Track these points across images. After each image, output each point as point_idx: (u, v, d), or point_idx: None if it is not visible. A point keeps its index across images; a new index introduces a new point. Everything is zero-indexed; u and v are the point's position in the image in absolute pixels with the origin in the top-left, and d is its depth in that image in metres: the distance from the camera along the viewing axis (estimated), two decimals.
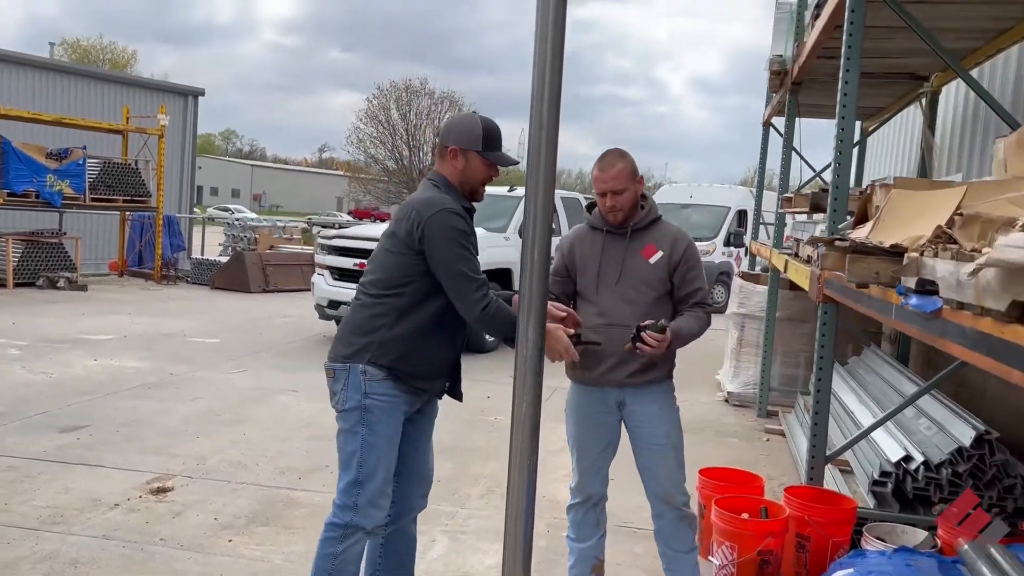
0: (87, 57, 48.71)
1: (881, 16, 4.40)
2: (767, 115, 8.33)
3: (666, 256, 3.05)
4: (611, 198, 3.01)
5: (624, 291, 3.04)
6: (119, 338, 8.70)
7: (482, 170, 2.79)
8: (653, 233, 3.10)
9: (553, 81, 2.51)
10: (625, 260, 3.07)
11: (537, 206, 2.63)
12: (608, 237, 3.11)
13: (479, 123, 2.80)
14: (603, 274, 3.07)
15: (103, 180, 13.73)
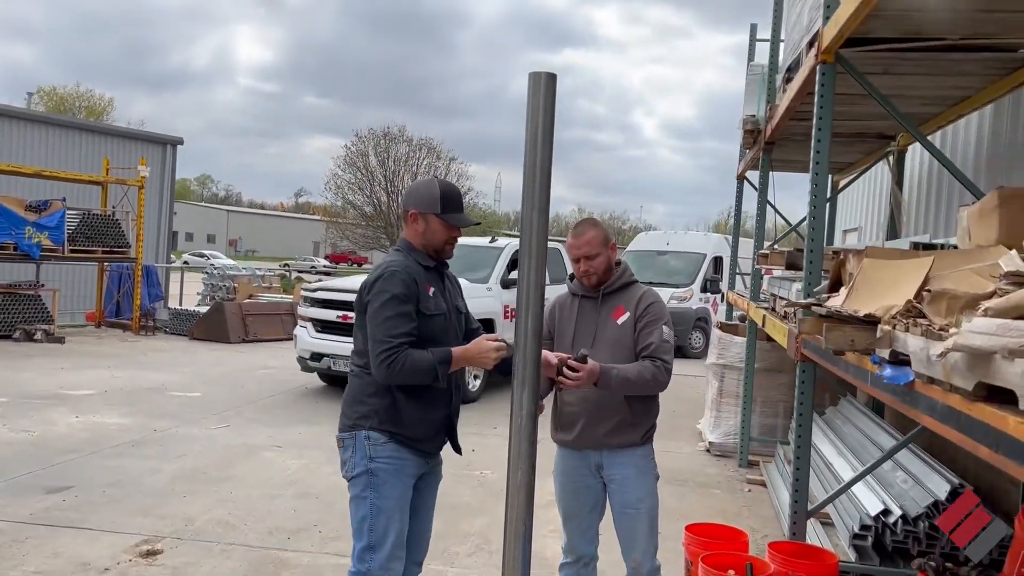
0: (63, 105, 48.74)
1: (848, 84, 4.63)
2: (741, 169, 8.58)
3: (631, 315, 3.19)
4: (584, 263, 3.20)
5: (598, 354, 3.13)
6: (100, 393, 8.66)
7: (442, 231, 2.93)
8: (623, 296, 3.25)
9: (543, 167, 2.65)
10: (598, 323, 3.22)
11: (529, 281, 2.75)
12: (583, 302, 3.29)
13: (437, 187, 2.96)
14: (578, 338, 3.22)
15: (82, 231, 13.72)
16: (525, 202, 2.82)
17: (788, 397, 7.09)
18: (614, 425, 3.13)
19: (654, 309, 3.22)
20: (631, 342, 3.16)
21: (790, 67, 5.77)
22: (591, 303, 3.26)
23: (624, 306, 3.22)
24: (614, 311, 3.21)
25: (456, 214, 2.95)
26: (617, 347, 3.15)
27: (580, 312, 3.27)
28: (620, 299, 3.24)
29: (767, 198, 7.01)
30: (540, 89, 2.80)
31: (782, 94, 5.96)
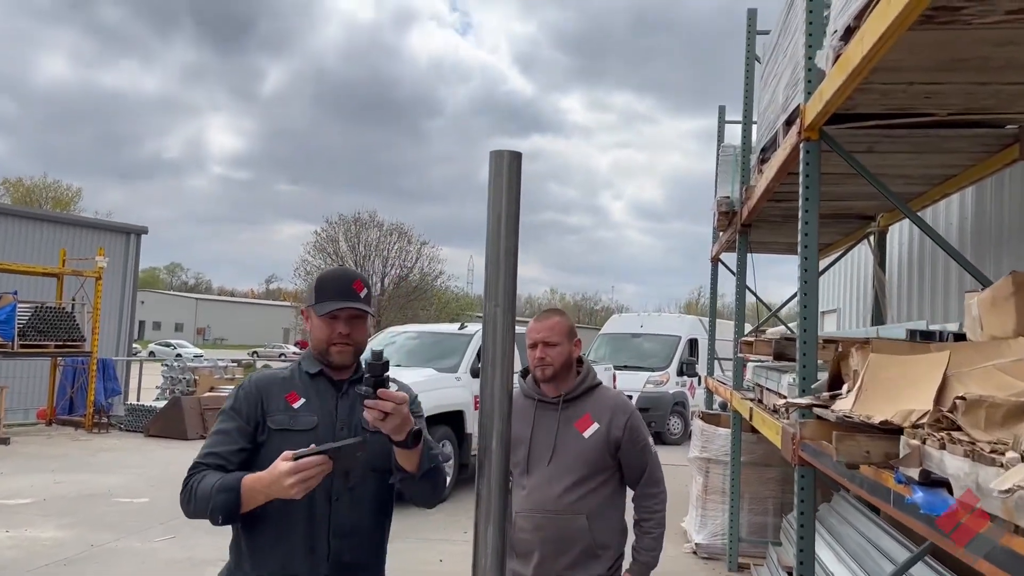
0: (30, 196, 48.30)
1: (830, 164, 4.40)
2: (715, 251, 8.34)
3: (603, 430, 2.75)
4: (542, 348, 2.80)
5: (557, 471, 2.72)
6: (38, 502, 8.00)
7: (318, 326, 2.25)
8: (588, 402, 2.82)
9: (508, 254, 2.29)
10: (558, 434, 2.77)
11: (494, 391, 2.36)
12: (540, 408, 2.83)
13: (320, 276, 2.38)
14: (534, 451, 2.77)
15: (34, 325, 13.14)
16: (488, 296, 2.46)
17: (778, 493, 6.66)
18: (575, 556, 2.69)
19: (638, 427, 2.82)
20: (599, 458, 2.73)
21: (765, 147, 5.56)
22: (550, 410, 2.82)
23: (591, 415, 2.78)
24: (578, 420, 2.78)
25: (327, 302, 2.22)
26: (579, 463, 2.72)
27: (537, 420, 2.82)
28: (585, 406, 2.81)
29: (746, 282, 6.74)
30: (503, 170, 2.47)
31: (758, 175, 5.74)
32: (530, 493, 2.73)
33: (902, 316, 6.74)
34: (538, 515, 2.70)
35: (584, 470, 2.71)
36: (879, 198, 5.68)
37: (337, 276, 2.33)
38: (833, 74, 3.09)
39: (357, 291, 2.27)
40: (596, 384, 2.88)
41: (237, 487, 2.06)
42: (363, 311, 2.27)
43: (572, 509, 2.68)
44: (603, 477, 2.75)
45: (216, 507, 2.05)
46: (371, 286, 2.36)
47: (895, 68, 3.02)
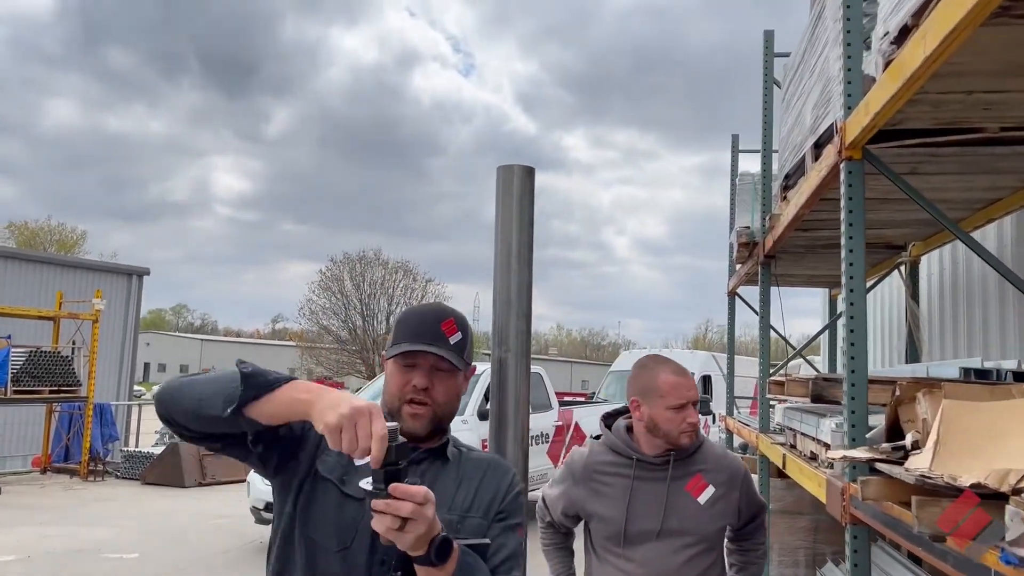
0: (34, 239, 48.31)
1: (867, 189, 4.05)
2: (732, 285, 7.97)
3: (722, 492, 2.35)
4: (693, 411, 2.32)
5: (671, 541, 2.30)
6: (21, 559, 7.57)
7: (390, 374, 1.66)
8: (698, 461, 2.39)
9: (521, 283, 1.94)
10: (668, 501, 2.32)
11: (506, 452, 1.98)
12: (640, 467, 2.36)
13: (402, 312, 1.82)
14: (640, 520, 2.31)
15: (28, 370, 12.78)
16: (497, 340, 2.08)
17: (809, 543, 6.20)
18: None
19: (749, 480, 2.48)
20: (715, 532, 2.33)
21: (789, 174, 5.22)
22: (654, 471, 2.35)
23: (703, 476, 2.35)
24: (689, 483, 2.34)
25: (403, 343, 1.64)
26: (695, 530, 2.30)
27: (638, 482, 2.34)
28: (695, 465, 2.38)
29: (770, 317, 6.35)
30: (513, 189, 2.12)
31: (782, 203, 5.40)
32: (635, 569, 2.30)
33: (935, 353, 6.34)
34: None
35: (701, 541, 2.32)
36: (911, 226, 5.32)
37: (422, 312, 1.72)
38: (884, 82, 2.75)
39: (446, 334, 1.63)
40: (702, 441, 2.47)
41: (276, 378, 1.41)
42: (449, 361, 1.62)
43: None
44: (718, 551, 2.39)
45: (226, 382, 1.39)
46: (470, 332, 1.70)
47: (956, 74, 2.67)
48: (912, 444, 2.55)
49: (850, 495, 3.10)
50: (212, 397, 1.40)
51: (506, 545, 1.61)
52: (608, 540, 2.34)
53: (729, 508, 2.37)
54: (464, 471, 1.66)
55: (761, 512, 2.52)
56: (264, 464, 1.59)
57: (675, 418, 2.33)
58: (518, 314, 2.00)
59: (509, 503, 1.65)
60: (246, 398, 1.39)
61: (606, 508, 2.36)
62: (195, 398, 1.42)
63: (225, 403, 1.38)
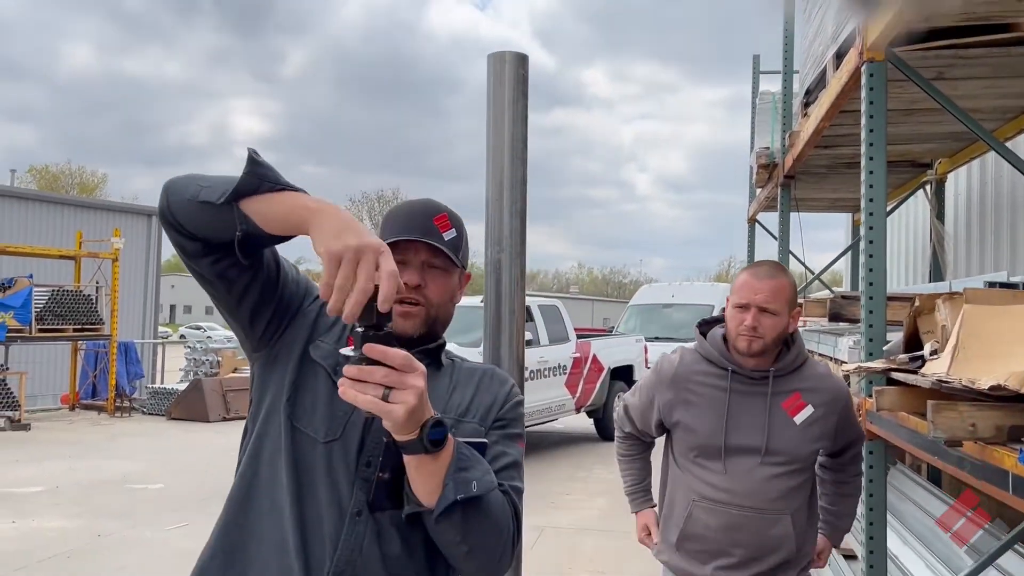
0: (56, 183, 48.56)
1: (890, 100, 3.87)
2: (752, 211, 7.80)
3: (819, 414, 2.22)
4: (756, 315, 2.16)
5: (769, 465, 2.18)
6: (50, 490, 7.73)
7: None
8: (797, 379, 2.25)
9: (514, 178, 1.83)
10: (771, 418, 2.19)
11: (500, 361, 1.91)
12: (736, 380, 2.23)
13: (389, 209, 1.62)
14: (735, 434, 2.19)
15: (51, 309, 12.91)
16: (491, 239, 1.99)
17: None
18: (772, 565, 2.19)
19: (850, 404, 2.35)
20: (808, 455, 2.21)
21: (810, 88, 5.02)
22: (752, 385, 2.22)
23: (801, 394, 2.21)
24: (786, 400, 2.21)
25: (394, 236, 1.46)
26: (788, 452, 2.18)
27: (735, 395, 2.22)
28: (793, 383, 2.24)
29: (789, 247, 6.20)
30: (505, 79, 1.99)
31: (802, 120, 5.20)
32: (724, 483, 2.19)
33: (960, 272, 6.18)
34: (734, 511, 2.17)
35: (793, 461, 2.18)
36: (937, 140, 5.11)
37: (411, 206, 1.54)
38: None
39: (439, 229, 1.48)
40: (806, 357, 2.32)
41: (279, 183, 1.26)
42: (444, 253, 1.47)
43: (776, 509, 2.17)
44: (809, 473, 2.27)
45: (234, 177, 1.25)
46: (465, 231, 1.54)
47: None
48: (931, 353, 2.45)
49: (866, 410, 3.02)
50: (213, 186, 1.26)
51: (508, 453, 1.48)
52: (696, 452, 2.24)
53: (826, 431, 2.23)
54: (459, 378, 1.54)
55: (858, 441, 2.42)
56: (242, 302, 1.39)
57: (735, 317, 2.21)
58: (512, 212, 1.89)
59: (509, 411, 1.54)
60: (246, 186, 1.23)
61: (698, 419, 2.24)
62: (196, 186, 1.28)
63: (223, 191, 1.24)
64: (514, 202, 1.87)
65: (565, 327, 10.69)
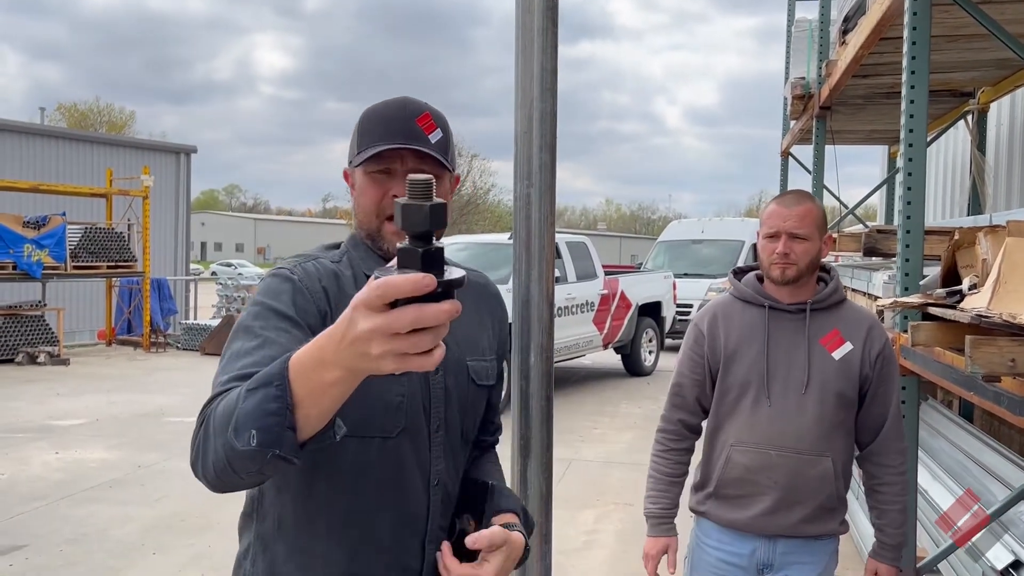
0: (84, 120, 48.75)
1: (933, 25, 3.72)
2: (786, 144, 7.64)
3: (857, 351, 2.14)
4: (786, 242, 2.10)
5: (804, 398, 2.12)
6: (90, 423, 7.95)
7: (362, 187, 1.37)
8: (835, 316, 2.19)
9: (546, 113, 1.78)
10: (811, 353, 2.14)
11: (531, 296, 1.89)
12: (775, 316, 2.18)
13: (363, 113, 1.43)
14: (775, 371, 2.14)
15: (85, 247, 13.09)
16: (519, 175, 1.95)
17: None
18: (813, 510, 2.15)
19: (892, 360, 2.20)
20: (850, 388, 2.13)
21: (848, 16, 4.85)
22: (790, 321, 2.17)
23: (840, 331, 2.15)
24: (825, 336, 2.15)
25: (370, 147, 1.33)
26: (829, 390, 2.12)
27: (772, 331, 2.17)
28: (832, 320, 2.18)
29: (823, 181, 6.07)
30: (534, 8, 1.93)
31: (838, 47, 5.04)
32: (763, 423, 2.15)
33: (1000, 205, 6.02)
34: (773, 452, 2.13)
35: (833, 401, 2.12)
36: (981, 68, 4.93)
37: (388, 108, 1.38)
38: None
39: (424, 131, 1.34)
40: (844, 297, 2.26)
41: (283, 372, 0.98)
42: (432, 158, 1.34)
43: (818, 449, 2.12)
44: (850, 413, 2.18)
45: (244, 417, 1.00)
46: (451, 131, 1.43)
47: None
48: (970, 287, 2.40)
49: (900, 345, 2.98)
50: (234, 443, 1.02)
51: (503, 377, 1.56)
52: (737, 391, 2.19)
53: (863, 364, 2.16)
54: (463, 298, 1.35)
55: (892, 391, 2.20)
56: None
57: (767, 247, 2.16)
58: (541, 146, 1.84)
59: (506, 335, 1.58)
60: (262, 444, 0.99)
61: (738, 357, 2.19)
62: (222, 457, 1.06)
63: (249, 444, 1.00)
64: (543, 135, 1.82)
65: (593, 264, 10.65)
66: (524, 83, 1.79)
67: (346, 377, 0.94)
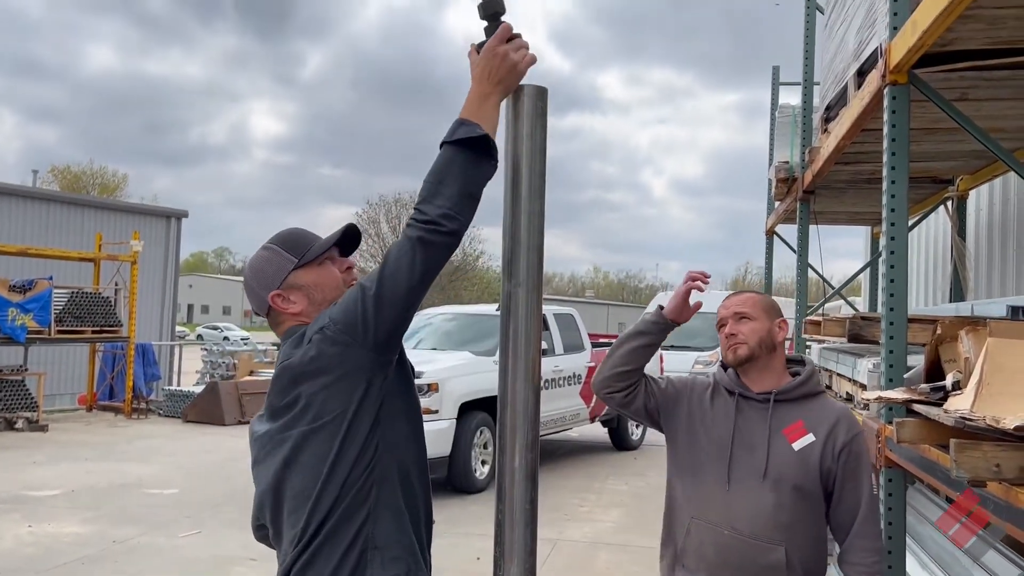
0: (77, 183, 49.00)
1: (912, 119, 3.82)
2: (771, 223, 7.75)
3: (818, 445, 2.16)
4: (732, 324, 2.27)
5: (759, 485, 2.15)
6: (66, 493, 7.78)
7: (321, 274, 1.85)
8: (804, 409, 2.23)
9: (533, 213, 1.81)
10: (771, 443, 2.18)
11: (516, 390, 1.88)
12: (743, 404, 2.26)
13: (271, 248, 1.87)
14: (737, 456, 2.19)
15: (70, 311, 13.02)
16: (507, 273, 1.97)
17: None
18: None
19: (860, 453, 2.21)
20: (810, 481, 2.15)
21: (831, 104, 4.98)
22: (756, 410, 2.24)
23: (804, 423, 2.19)
24: (787, 427, 2.20)
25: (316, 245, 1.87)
26: (784, 484, 2.14)
27: (740, 418, 2.24)
28: (798, 411, 2.22)
29: (807, 257, 6.15)
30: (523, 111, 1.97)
31: (822, 136, 5.16)
32: (721, 504, 2.19)
33: (981, 292, 6.10)
34: (727, 533, 2.16)
35: (790, 492, 2.14)
36: (959, 158, 5.06)
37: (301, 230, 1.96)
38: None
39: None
40: (818, 391, 2.30)
41: (465, 122, 1.68)
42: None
43: (772, 539, 2.13)
44: (815, 507, 2.18)
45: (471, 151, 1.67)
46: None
47: None
48: (953, 384, 2.41)
49: (885, 437, 2.98)
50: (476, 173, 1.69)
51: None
52: (699, 469, 2.25)
53: (827, 465, 2.17)
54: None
55: (859, 498, 2.18)
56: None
57: (720, 337, 2.31)
58: (529, 246, 1.87)
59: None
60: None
61: (705, 438, 2.25)
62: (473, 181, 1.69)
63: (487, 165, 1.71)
64: (531, 236, 1.85)
65: (580, 335, 10.66)
66: (512, 185, 1.82)
67: (502, 96, 1.69)
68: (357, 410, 1.67)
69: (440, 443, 7.70)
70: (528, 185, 1.82)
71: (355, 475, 1.66)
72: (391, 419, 1.73)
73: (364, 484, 1.67)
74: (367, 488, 1.68)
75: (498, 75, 1.65)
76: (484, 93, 1.67)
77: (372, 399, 1.68)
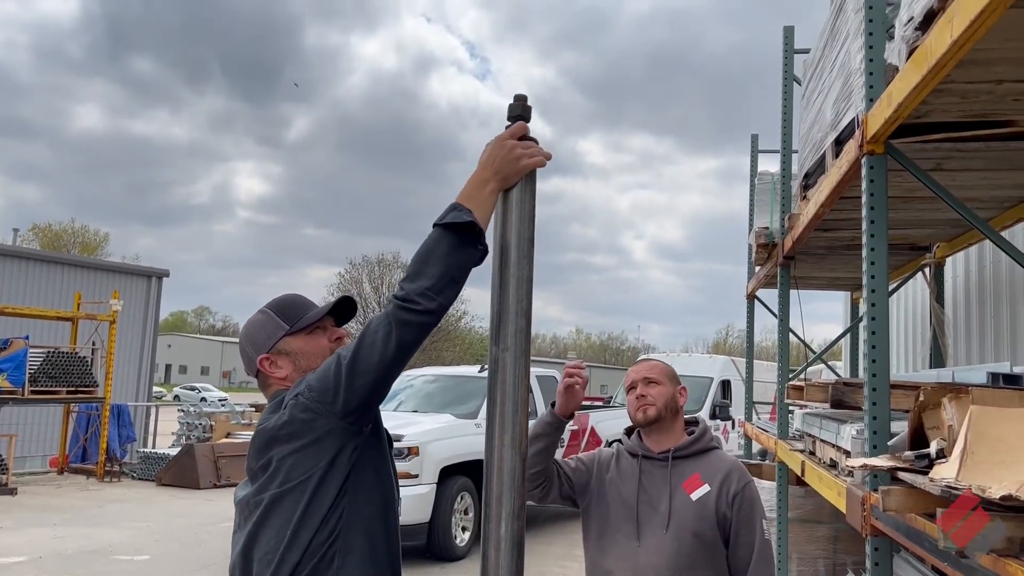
0: (58, 241, 48.81)
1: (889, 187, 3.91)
2: (751, 288, 7.82)
3: (713, 493, 2.38)
4: (643, 387, 2.52)
5: (670, 539, 2.35)
6: (33, 560, 7.54)
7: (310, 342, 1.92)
8: (700, 463, 2.48)
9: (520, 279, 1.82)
10: (673, 496, 2.41)
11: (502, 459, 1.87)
12: (646, 464, 2.50)
13: (266, 312, 1.98)
14: (644, 512, 2.42)
15: (45, 371, 12.82)
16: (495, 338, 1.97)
17: (829, 552, 6.04)
18: None
19: (752, 499, 2.43)
20: (708, 527, 2.37)
21: (809, 172, 5.08)
22: (658, 468, 2.48)
23: (701, 475, 2.43)
24: (686, 480, 2.43)
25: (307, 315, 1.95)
26: (685, 532, 2.35)
27: (644, 477, 2.49)
28: (694, 466, 2.47)
29: (788, 322, 6.18)
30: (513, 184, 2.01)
31: (802, 203, 5.25)
32: (633, 557, 2.40)
33: (961, 358, 6.16)
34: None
35: (690, 539, 2.35)
36: (936, 226, 5.15)
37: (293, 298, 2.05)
38: (908, 71, 2.61)
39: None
40: (711, 447, 2.55)
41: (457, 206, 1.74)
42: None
43: None
44: (716, 552, 2.39)
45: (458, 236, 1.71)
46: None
47: (985, 61, 2.53)
48: (937, 452, 2.41)
49: (871, 505, 2.96)
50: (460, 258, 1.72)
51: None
52: (609, 530, 2.46)
53: (721, 512, 2.39)
54: None
55: (752, 543, 2.40)
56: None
57: (629, 399, 2.55)
58: (517, 311, 1.88)
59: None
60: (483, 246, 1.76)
61: (614, 500, 2.48)
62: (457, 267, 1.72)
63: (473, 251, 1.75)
64: (519, 301, 1.86)
65: None
66: (502, 251, 1.83)
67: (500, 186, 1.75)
68: (324, 476, 1.69)
69: (420, 509, 7.57)
70: (517, 251, 1.83)
71: (318, 541, 1.67)
72: (361, 488, 1.75)
73: (327, 551, 1.69)
74: (330, 555, 1.69)
75: (499, 164, 1.72)
76: (483, 179, 1.73)
77: (341, 466, 1.70)
